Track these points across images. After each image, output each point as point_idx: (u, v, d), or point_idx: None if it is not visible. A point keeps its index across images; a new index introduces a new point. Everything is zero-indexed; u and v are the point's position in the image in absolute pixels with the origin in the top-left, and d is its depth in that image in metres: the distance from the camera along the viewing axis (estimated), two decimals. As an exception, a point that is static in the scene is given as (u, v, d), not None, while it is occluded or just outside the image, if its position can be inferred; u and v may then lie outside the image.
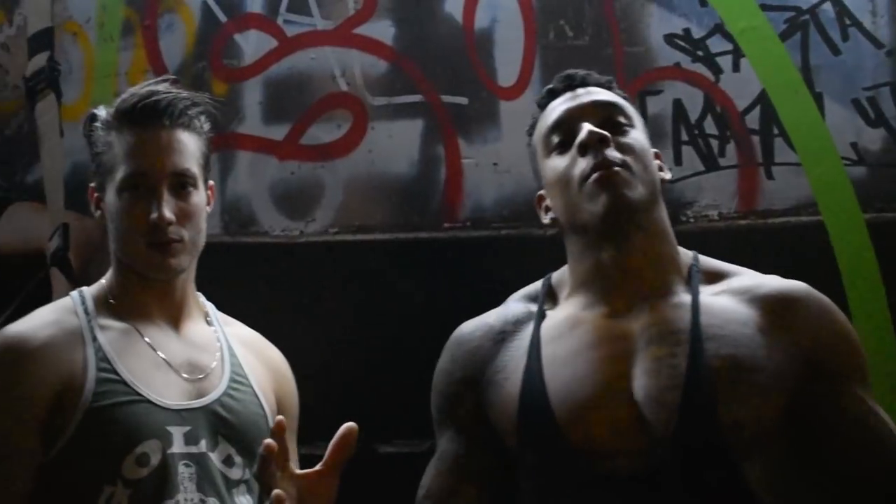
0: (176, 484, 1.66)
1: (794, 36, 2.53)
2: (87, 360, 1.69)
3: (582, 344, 1.60)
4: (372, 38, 2.58)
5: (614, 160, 1.59)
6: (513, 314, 1.73)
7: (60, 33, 2.60)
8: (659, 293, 1.62)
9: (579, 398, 1.55)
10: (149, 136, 1.74)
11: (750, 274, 1.67)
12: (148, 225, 1.71)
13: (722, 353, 1.53)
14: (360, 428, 2.39)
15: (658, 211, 1.66)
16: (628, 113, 1.69)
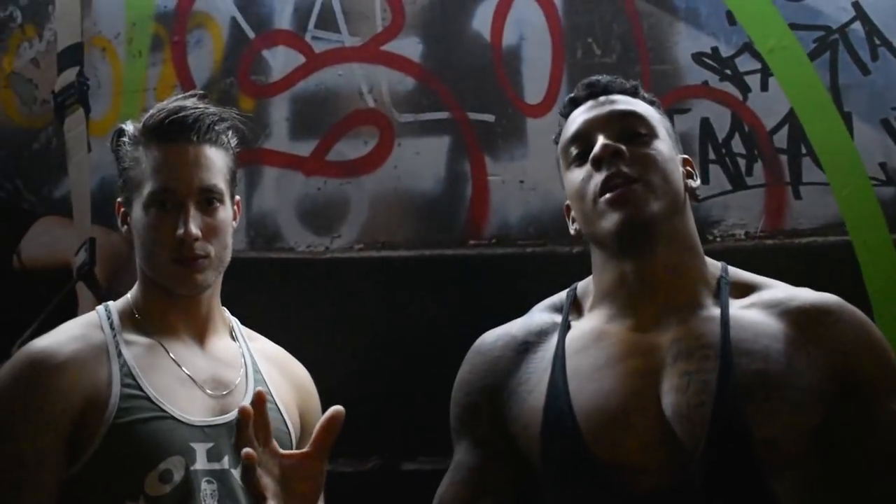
0: (198, 500, 1.66)
1: (823, 55, 2.52)
2: (111, 375, 1.69)
3: (608, 357, 1.57)
4: (399, 54, 2.59)
5: (628, 176, 1.55)
6: (537, 325, 1.70)
7: (90, 48, 2.62)
8: (687, 306, 1.58)
9: (606, 413, 1.52)
10: (176, 151, 1.75)
11: (781, 286, 1.64)
12: (174, 241, 1.72)
13: (753, 368, 1.49)
14: (384, 445, 2.45)
15: (682, 221, 1.63)
16: (650, 122, 1.63)
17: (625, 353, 1.56)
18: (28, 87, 2.62)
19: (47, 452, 1.64)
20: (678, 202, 1.60)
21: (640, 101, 1.67)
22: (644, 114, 1.64)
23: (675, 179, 1.60)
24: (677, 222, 1.60)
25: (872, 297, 2.42)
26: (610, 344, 1.58)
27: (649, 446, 1.50)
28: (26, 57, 2.64)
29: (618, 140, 1.57)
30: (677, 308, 1.57)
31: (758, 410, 1.46)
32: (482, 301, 2.46)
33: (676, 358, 1.53)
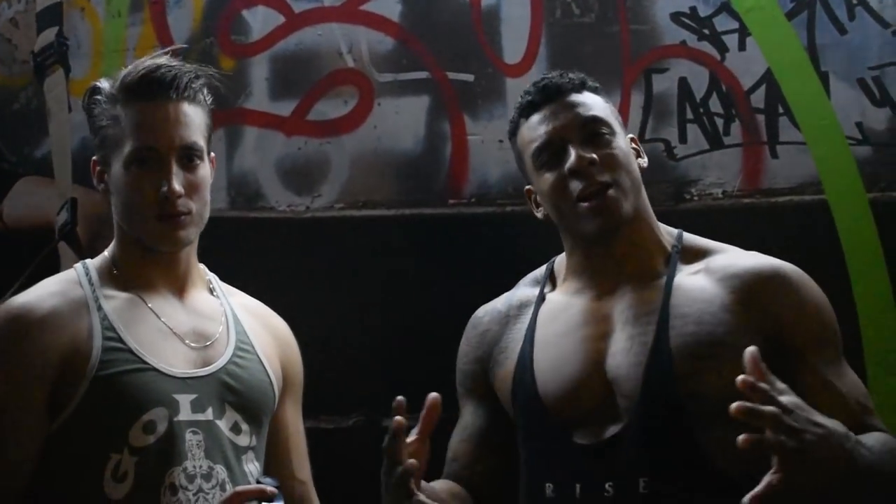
0: (184, 451, 1.68)
1: (800, 15, 2.51)
2: (92, 328, 1.70)
3: (569, 326, 1.76)
4: (378, 14, 2.58)
5: (603, 183, 1.70)
6: (517, 298, 1.87)
7: (69, 8, 2.62)
8: (641, 275, 1.74)
9: (559, 376, 1.72)
10: (156, 108, 1.75)
11: (731, 251, 1.77)
12: (157, 198, 1.72)
13: (684, 331, 1.66)
14: (365, 402, 2.47)
15: (640, 200, 1.78)
16: (607, 121, 1.77)
17: (583, 322, 1.75)
18: (7, 47, 2.63)
19: (30, 407, 1.65)
20: (639, 191, 1.76)
21: (588, 93, 1.79)
22: (601, 115, 1.77)
23: (634, 169, 1.76)
24: (639, 205, 1.76)
25: (848, 255, 2.46)
26: (573, 314, 1.77)
27: (594, 404, 1.69)
28: (5, 17, 2.64)
29: (584, 144, 1.72)
30: (632, 277, 1.75)
31: (685, 368, 1.63)
32: (461, 259, 2.50)
33: (625, 324, 1.71)
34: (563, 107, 1.76)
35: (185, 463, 1.68)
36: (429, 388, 1.91)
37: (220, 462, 1.71)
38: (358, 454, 2.44)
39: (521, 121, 1.81)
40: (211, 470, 1.69)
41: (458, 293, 2.41)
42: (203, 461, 1.69)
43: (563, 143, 1.73)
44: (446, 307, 2.44)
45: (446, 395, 2.08)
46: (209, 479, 1.69)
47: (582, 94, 1.78)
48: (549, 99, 1.77)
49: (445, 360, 2.10)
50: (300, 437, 1.95)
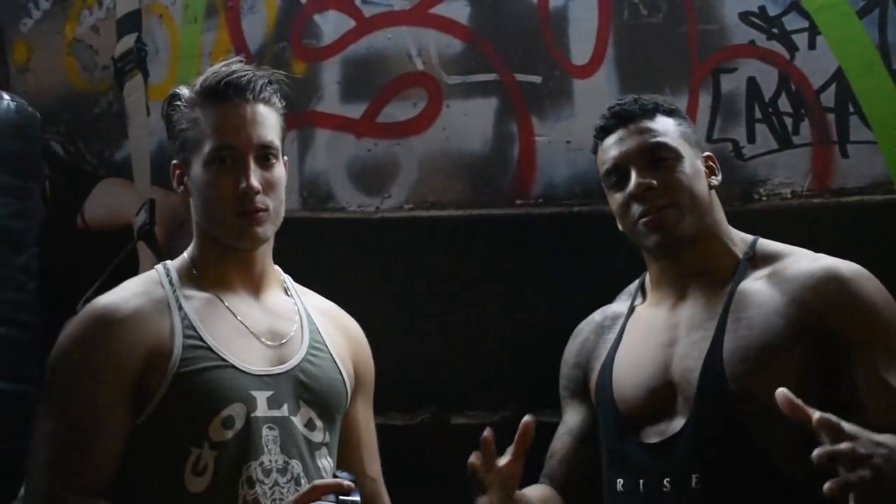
0: (260, 446, 1.71)
1: (872, 13, 2.46)
2: (174, 327, 1.74)
3: (646, 335, 1.87)
4: (447, 17, 2.59)
5: (661, 205, 1.80)
6: (612, 311, 2.01)
7: (147, 15, 2.64)
8: (710, 284, 1.84)
9: (632, 382, 1.84)
10: (234, 110, 1.79)
11: (798, 255, 1.83)
12: (236, 195, 1.76)
13: (738, 334, 1.74)
14: (433, 399, 2.47)
15: (710, 218, 1.86)
16: (672, 146, 1.85)
17: (657, 331, 1.86)
18: (89, 53, 2.66)
19: (115, 402, 1.70)
20: (703, 207, 1.85)
21: (661, 116, 1.89)
22: (667, 140, 1.86)
23: (700, 190, 1.85)
24: (704, 222, 1.84)
25: None
26: (651, 324, 1.89)
27: (660, 406, 1.79)
28: (87, 24, 2.67)
29: (647, 168, 1.82)
30: (701, 286, 1.84)
31: (737, 370, 1.72)
32: (529, 260, 2.50)
33: (690, 329, 1.81)
34: (631, 133, 1.86)
35: (261, 457, 1.71)
36: (496, 387, 1.96)
37: (296, 457, 1.74)
38: (426, 450, 2.49)
39: (597, 143, 1.93)
40: (286, 464, 1.73)
41: (525, 293, 2.48)
42: (279, 456, 1.73)
43: (627, 168, 1.84)
44: (514, 308, 2.50)
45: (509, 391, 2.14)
46: (284, 474, 1.73)
47: (653, 119, 1.87)
48: (619, 124, 1.88)
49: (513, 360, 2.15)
50: (371, 435, 1.98)
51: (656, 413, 1.80)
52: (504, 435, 1.87)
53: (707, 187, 1.86)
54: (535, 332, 2.06)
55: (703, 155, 1.90)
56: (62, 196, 2.62)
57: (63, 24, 2.67)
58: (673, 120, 1.89)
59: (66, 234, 2.61)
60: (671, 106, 1.92)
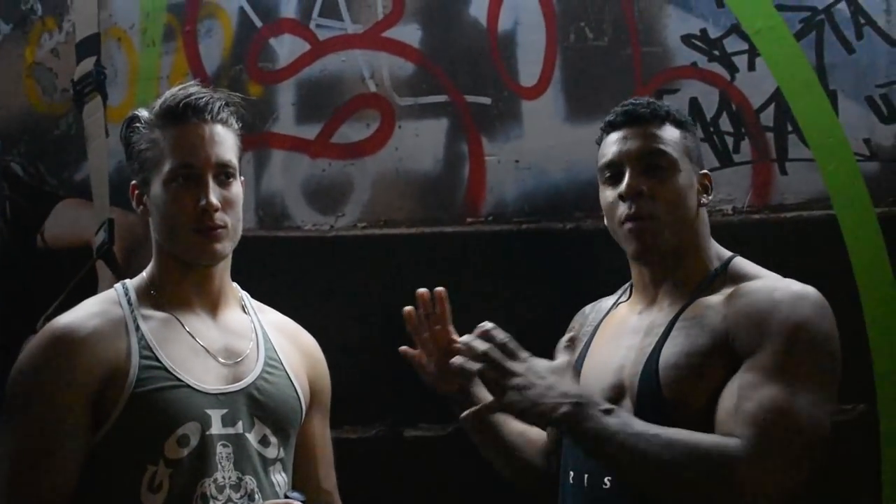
0: (214, 463, 1.71)
1: (808, 35, 2.51)
2: (130, 348, 1.73)
3: (614, 335, 1.88)
4: (399, 41, 2.60)
5: (643, 214, 1.78)
6: (601, 305, 2.01)
7: (106, 39, 2.64)
8: (676, 294, 1.82)
9: (593, 379, 1.82)
10: (192, 130, 1.79)
11: (765, 280, 1.78)
12: (196, 212, 1.75)
13: (675, 342, 1.75)
14: (387, 413, 2.47)
15: (691, 233, 1.84)
16: (672, 156, 1.82)
17: (622, 333, 1.86)
18: (49, 76, 2.65)
19: (72, 421, 1.69)
20: (686, 223, 1.82)
21: (670, 126, 1.85)
22: (668, 149, 1.82)
23: (688, 205, 1.82)
24: (685, 237, 1.82)
25: (856, 269, 2.44)
26: (620, 324, 1.89)
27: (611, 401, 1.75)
28: (47, 48, 2.66)
29: (642, 172, 1.80)
30: (668, 295, 1.83)
31: (669, 378, 1.72)
32: (479, 276, 2.51)
33: (647, 334, 1.80)
34: (636, 134, 1.83)
35: (215, 474, 1.71)
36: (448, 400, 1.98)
37: (250, 473, 1.74)
38: (380, 463, 2.49)
39: (603, 135, 1.89)
40: (240, 480, 1.73)
41: (475, 309, 2.42)
42: (232, 472, 1.73)
43: (623, 167, 1.81)
44: (465, 321, 2.45)
45: None
46: (238, 490, 1.73)
47: (661, 126, 1.83)
48: (627, 123, 1.84)
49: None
50: (327, 449, 1.97)
51: None
52: (455, 446, 1.91)
53: (696, 204, 1.83)
54: None
55: (700, 172, 1.87)
56: (22, 216, 2.61)
57: (23, 47, 2.66)
58: (680, 131, 1.85)
59: (26, 253, 2.60)
60: (683, 118, 1.88)
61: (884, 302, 2.45)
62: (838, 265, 2.44)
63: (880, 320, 2.44)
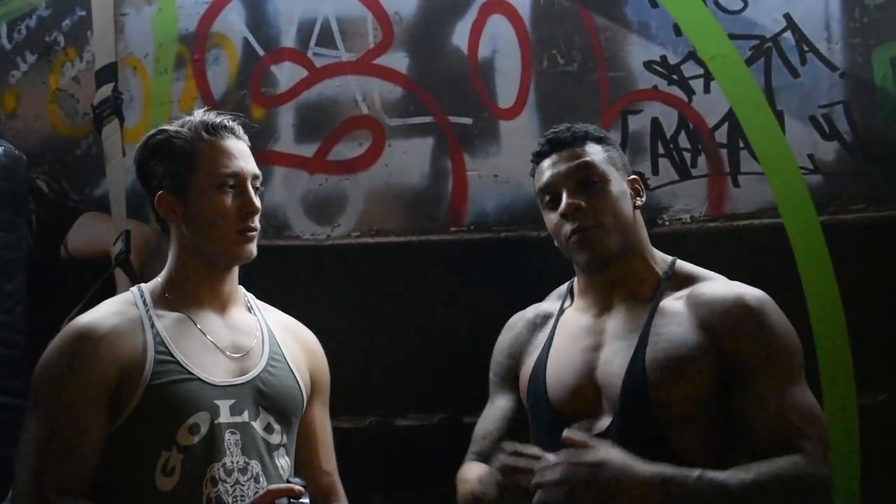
0: (223, 449, 1.73)
1: (758, 61, 2.52)
2: (146, 344, 1.75)
3: (574, 338, 1.85)
4: (389, 67, 2.60)
5: (586, 225, 1.78)
6: (544, 310, 1.97)
7: (123, 67, 2.63)
8: (632, 298, 1.82)
9: (560, 378, 1.82)
10: (232, 146, 1.82)
11: (712, 281, 1.82)
12: (240, 214, 1.79)
13: (658, 347, 1.74)
14: (380, 404, 2.47)
15: (633, 235, 1.84)
16: (600, 169, 1.83)
17: (584, 335, 1.84)
18: (71, 101, 2.65)
19: (93, 411, 1.70)
20: (627, 226, 1.83)
21: (591, 143, 1.86)
22: (596, 163, 1.83)
23: (625, 211, 1.83)
24: (629, 240, 1.83)
25: (802, 271, 2.43)
26: (578, 328, 1.86)
27: (586, 405, 1.78)
28: (69, 75, 2.66)
29: (577, 190, 1.80)
30: (625, 299, 1.83)
31: (655, 380, 1.71)
32: (462, 280, 2.51)
33: (614, 338, 1.80)
34: (563, 158, 1.83)
35: (224, 459, 1.73)
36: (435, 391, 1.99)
37: (255, 458, 1.76)
38: (373, 449, 2.47)
39: (535, 166, 1.90)
40: (247, 465, 1.75)
41: (458, 309, 2.48)
42: (240, 457, 1.75)
43: (559, 190, 1.82)
44: (449, 321, 2.49)
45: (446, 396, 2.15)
46: (245, 473, 1.74)
47: (584, 145, 1.85)
48: (554, 150, 1.85)
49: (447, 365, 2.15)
50: (327, 434, 1.97)
51: (581, 410, 1.77)
52: (441, 434, 1.92)
53: (632, 207, 1.84)
54: (468, 343, 2.05)
55: (629, 178, 1.88)
56: (47, 229, 2.61)
57: (47, 75, 2.66)
58: (601, 146, 1.86)
59: (50, 262, 2.59)
60: (600, 133, 1.90)
61: (827, 301, 2.44)
62: (786, 268, 2.45)
63: (824, 318, 2.43)
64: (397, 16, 2.61)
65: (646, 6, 2.56)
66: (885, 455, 2.41)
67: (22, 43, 2.67)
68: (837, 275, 2.43)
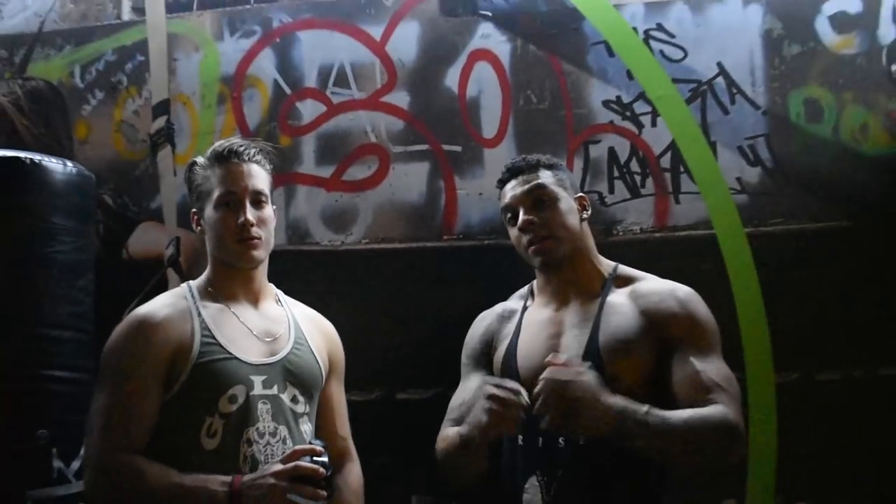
0: (256, 416, 1.74)
1: (695, 101, 2.53)
2: (194, 330, 1.76)
3: (538, 328, 1.86)
4: (393, 104, 2.60)
5: (540, 236, 1.81)
6: (509, 307, 1.98)
7: (175, 103, 2.64)
8: (584, 295, 1.85)
9: (531, 362, 1.81)
10: (234, 168, 1.81)
11: (648, 279, 1.86)
12: (237, 227, 1.77)
13: (608, 332, 1.78)
14: (385, 380, 2.47)
15: (582, 243, 1.86)
16: (551, 190, 1.85)
17: (546, 326, 1.85)
18: (132, 130, 2.65)
19: (149, 385, 1.72)
20: (576, 235, 1.85)
21: (543, 170, 1.88)
22: (547, 185, 1.85)
23: (573, 223, 1.85)
24: (578, 247, 1.85)
25: (731, 274, 2.44)
26: (541, 320, 1.87)
27: None
28: (130, 109, 2.66)
29: (531, 207, 1.83)
30: (578, 295, 1.85)
31: (607, 359, 1.74)
32: (452, 279, 2.51)
33: (572, 327, 1.82)
34: (520, 182, 1.87)
35: (257, 424, 1.74)
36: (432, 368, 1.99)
37: (283, 424, 1.77)
38: (379, 417, 2.46)
39: (500, 189, 1.93)
40: (276, 429, 1.77)
41: (449, 302, 2.47)
42: (270, 423, 1.76)
43: (517, 208, 1.85)
44: (441, 312, 2.48)
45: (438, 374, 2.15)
46: (275, 436, 1.76)
47: (537, 172, 1.87)
48: (512, 176, 1.89)
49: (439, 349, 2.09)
50: (342, 406, 1.99)
51: None
52: (434, 406, 1.93)
53: (579, 221, 1.86)
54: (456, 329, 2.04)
55: (576, 196, 1.89)
56: (112, 235, 2.61)
57: (113, 109, 2.66)
58: (551, 171, 1.88)
59: (114, 263, 2.59)
60: (550, 161, 1.91)
61: (750, 298, 2.44)
62: (718, 271, 2.46)
63: (748, 311, 2.42)
64: (400, 62, 2.61)
65: (604, 55, 2.56)
66: (797, 424, 2.42)
67: (92, 83, 2.67)
68: (759, 276, 2.45)
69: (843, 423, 2.39)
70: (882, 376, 2.40)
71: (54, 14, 2.64)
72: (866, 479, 2.38)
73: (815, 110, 2.50)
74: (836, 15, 2.51)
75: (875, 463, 2.37)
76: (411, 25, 2.59)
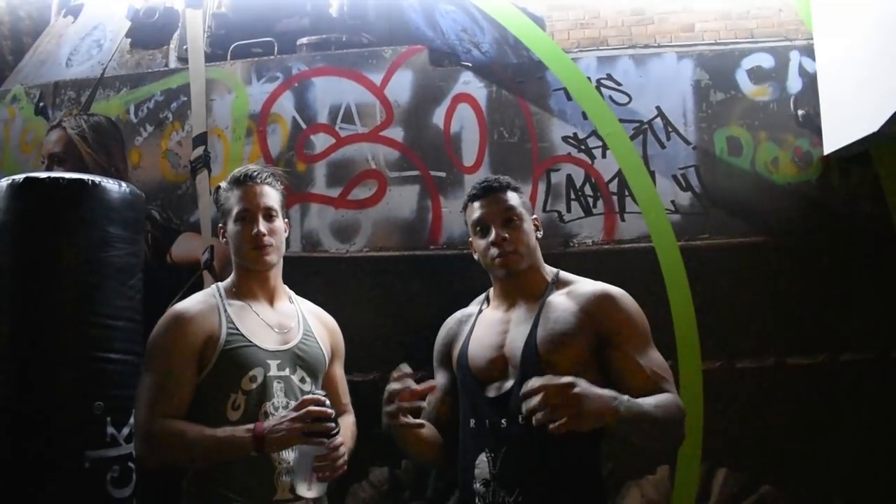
0: (272, 393, 1.77)
1: (638, 137, 2.55)
2: (221, 323, 1.80)
3: (489, 327, 1.83)
4: (390, 137, 2.60)
5: (508, 251, 1.77)
6: (468, 311, 1.95)
7: (211, 135, 2.64)
8: (529, 297, 1.81)
9: (480, 356, 1.79)
10: (249, 189, 1.84)
11: (584, 282, 1.82)
12: (252, 237, 1.80)
13: (546, 327, 1.74)
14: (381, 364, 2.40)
15: (535, 257, 1.82)
16: (518, 210, 1.81)
17: (496, 324, 1.82)
18: (176, 157, 2.64)
19: (186, 368, 1.75)
20: (533, 251, 1.82)
21: (510, 191, 1.83)
22: (516, 206, 1.80)
23: (532, 241, 1.81)
24: (533, 260, 1.82)
25: (666, 280, 2.46)
26: (492, 320, 1.84)
27: (498, 372, 1.76)
28: (174, 140, 2.65)
29: (503, 225, 1.78)
30: (524, 298, 1.81)
31: (545, 349, 1.70)
32: (438, 282, 2.50)
33: (516, 325, 1.79)
34: (492, 200, 1.81)
35: (273, 399, 1.77)
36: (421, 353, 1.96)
37: (293, 399, 1.79)
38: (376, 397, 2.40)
39: (469, 203, 1.87)
40: (288, 404, 1.78)
41: (435, 301, 2.45)
42: (283, 399, 1.79)
43: (488, 224, 1.80)
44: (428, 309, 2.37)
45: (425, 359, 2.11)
46: (287, 409, 1.76)
47: (506, 193, 1.82)
48: (485, 193, 1.83)
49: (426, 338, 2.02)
50: (343, 382, 2.01)
51: (495, 376, 1.76)
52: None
53: (534, 239, 1.83)
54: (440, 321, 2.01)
55: (532, 217, 1.86)
56: (158, 243, 2.59)
57: (160, 140, 2.65)
58: (517, 194, 1.84)
59: (159, 266, 2.57)
60: (516, 185, 1.87)
61: (682, 300, 2.44)
62: (656, 278, 2.47)
63: (680, 311, 2.43)
64: (396, 103, 2.61)
65: (563, 99, 2.57)
66: (721, 404, 2.42)
67: (144, 118, 2.65)
68: (690, 281, 2.46)
69: (758, 402, 2.40)
70: (789, 364, 2.42)
71: (114, 63, 2.64)
72: (775, 447, 2.40)
73: (736, 146, 2.53)
74: (753, 69, 2.56)
75: (784, 434, 2.40)
76: (406, 73, 2.60)
